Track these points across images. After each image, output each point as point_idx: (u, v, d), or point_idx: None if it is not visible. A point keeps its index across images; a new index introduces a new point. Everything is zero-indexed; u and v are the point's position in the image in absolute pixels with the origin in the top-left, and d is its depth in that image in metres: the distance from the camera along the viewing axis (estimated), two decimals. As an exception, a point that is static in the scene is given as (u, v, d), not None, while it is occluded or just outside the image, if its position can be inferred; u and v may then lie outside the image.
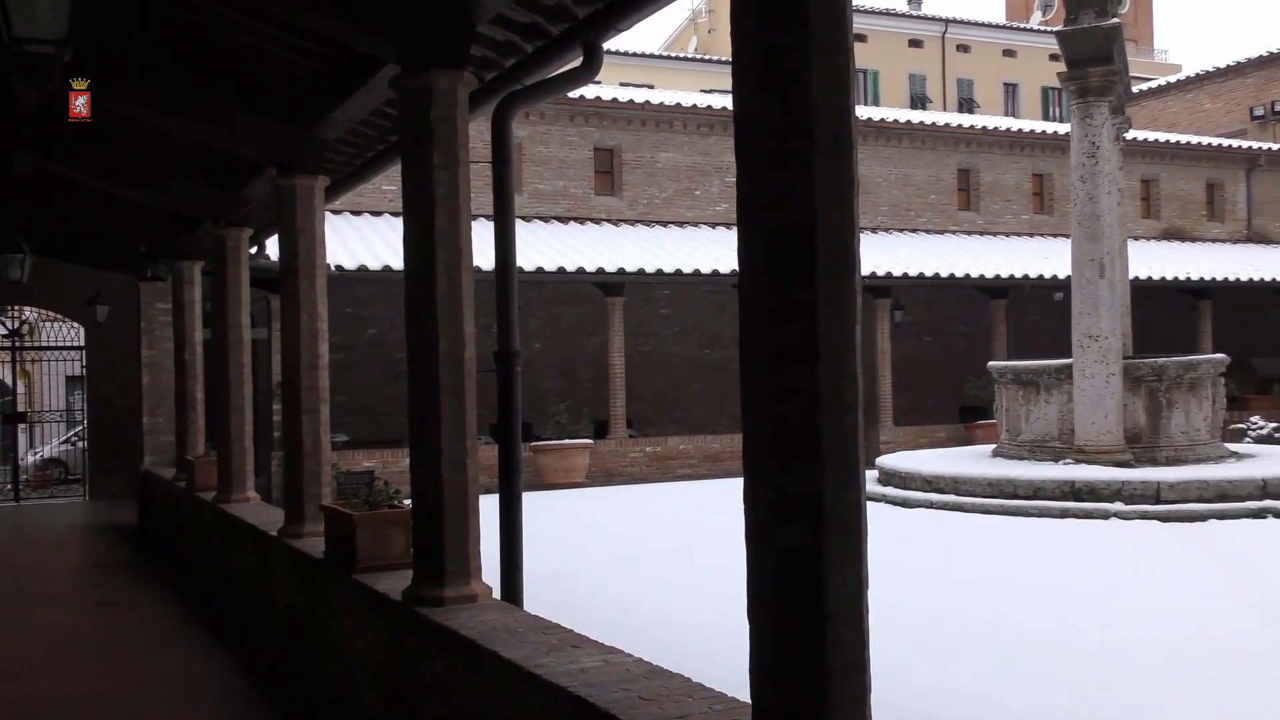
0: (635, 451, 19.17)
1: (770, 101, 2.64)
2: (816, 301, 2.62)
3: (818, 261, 2.63)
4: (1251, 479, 11.80)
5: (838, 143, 2.66)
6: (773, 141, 2.65)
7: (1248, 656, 6.40)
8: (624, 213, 22.03)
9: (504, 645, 3.80)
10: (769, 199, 2.65)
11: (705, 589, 7.86)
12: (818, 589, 2.56)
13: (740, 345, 2.72)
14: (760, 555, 2.64)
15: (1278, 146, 30.83)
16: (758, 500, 2.64)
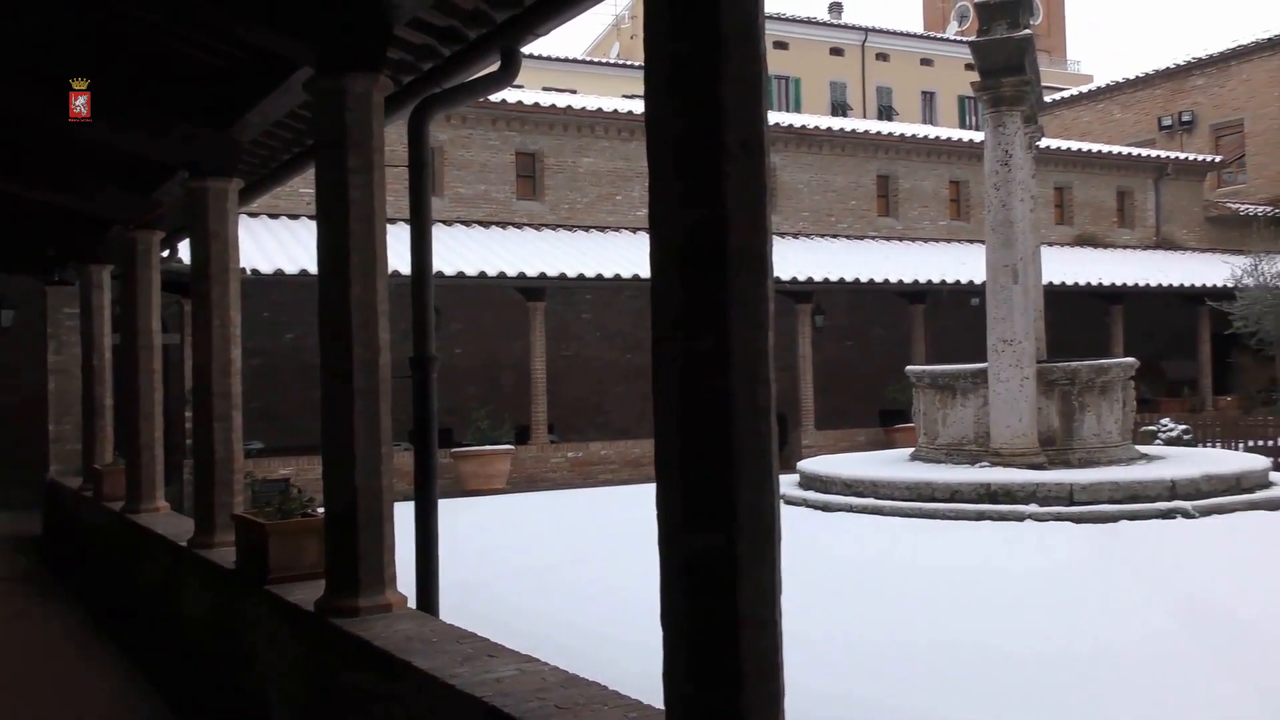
0: (557, 457, 19.12)
1: (681, 109, 2.65)
2: (728, 307, 2.63)
3: (729, 268, 2.64)
4: (1161, 480, 12.11)
5: (749, 150, 2.67)
6: (683, 149, 2.65)
7: (1154, 655, 6.56)
8: (546, 217, 21.99)
9: (418, 655, 3.74)
10: (679, 206, 2.65)
11: (625, 595, 7.84)
12: (731, 594, 2.56)
13: (652, 351, 2.72)
14: (673, 561, 2.63)
15: (1184, 156, 31.81)
16: (669, 506, 2.64)
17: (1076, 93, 40.83)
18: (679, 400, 2.63)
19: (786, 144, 24.71)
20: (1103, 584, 8.36)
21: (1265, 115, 33.22)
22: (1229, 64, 34.34)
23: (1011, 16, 13.14)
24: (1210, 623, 7.25)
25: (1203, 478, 12.21)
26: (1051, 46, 62.13)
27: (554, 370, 19.49)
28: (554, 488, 17.86)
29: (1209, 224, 31.34)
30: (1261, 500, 12.13)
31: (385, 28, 4.72)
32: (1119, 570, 8.85)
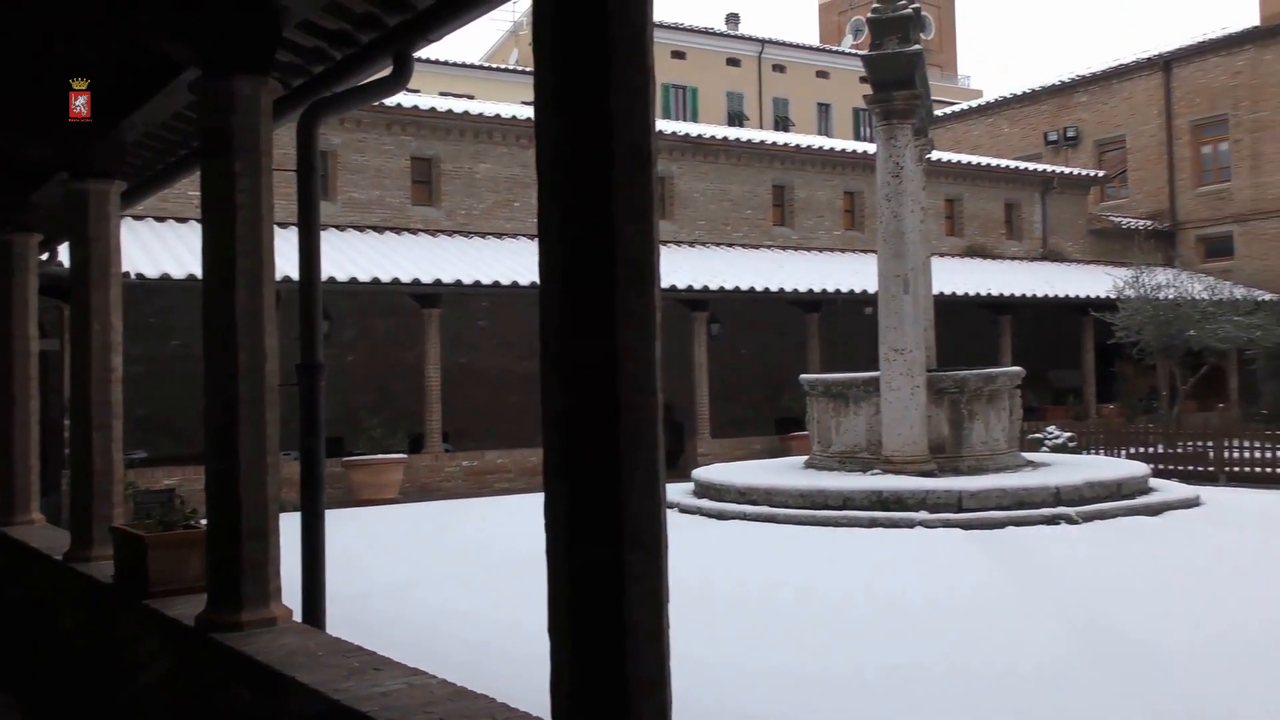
0: (451, 466, 18.91)
1: (569, 118, 2.65)
2: (615, 318, 2.64)
3: (616, 278, 2.65)
4: (1046, 487, 12.45)
5: (636, 160, 2.68)
6: (571, 158, 2.65)
7: (1035, 661, 6.75)
8: (442, 223, 21.80)
9: (302, 670, 3.67)
10: (567, 215, 2.65)
11: (517, 606, 7.76)
12: (617, 604, 2.56)
13: (540, 360, 2.71)
14: (559, 571, 2.63)
15: (1069, 170, 32.90)
16: (555, 515, 2.64)
17: (967, 107, 41.93)
18: (566, 410, 2.63)
19: (683, 153, 24.90)
20: (986, 589, 8.57)
21: (1145, 132, 34.54)
22: (1111, 82, 35.63)
23: (903, 32, 13.43)
24: (1089, 626, 7.48)
25: (1085, 484, 12.59)
26: (943, 62, 63.75)
27: (449, 378, 19.28)
28: (448, 497, 17.66)
29: (1093, 237, 32.46)
30: (1140, 506, 12.56)
31: (274, 30, 4.63)
32: (1003, 576, 9.08)
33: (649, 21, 2.76)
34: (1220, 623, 7.51)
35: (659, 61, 44.10)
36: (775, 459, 18.18)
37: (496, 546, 10.89)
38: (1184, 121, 33.58)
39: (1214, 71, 32.93)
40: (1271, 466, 19.33)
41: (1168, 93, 33.90)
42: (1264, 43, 31.85)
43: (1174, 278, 24.72)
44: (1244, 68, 32.23)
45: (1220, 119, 32.83)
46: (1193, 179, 33.45)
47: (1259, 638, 7.11)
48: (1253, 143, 31.95)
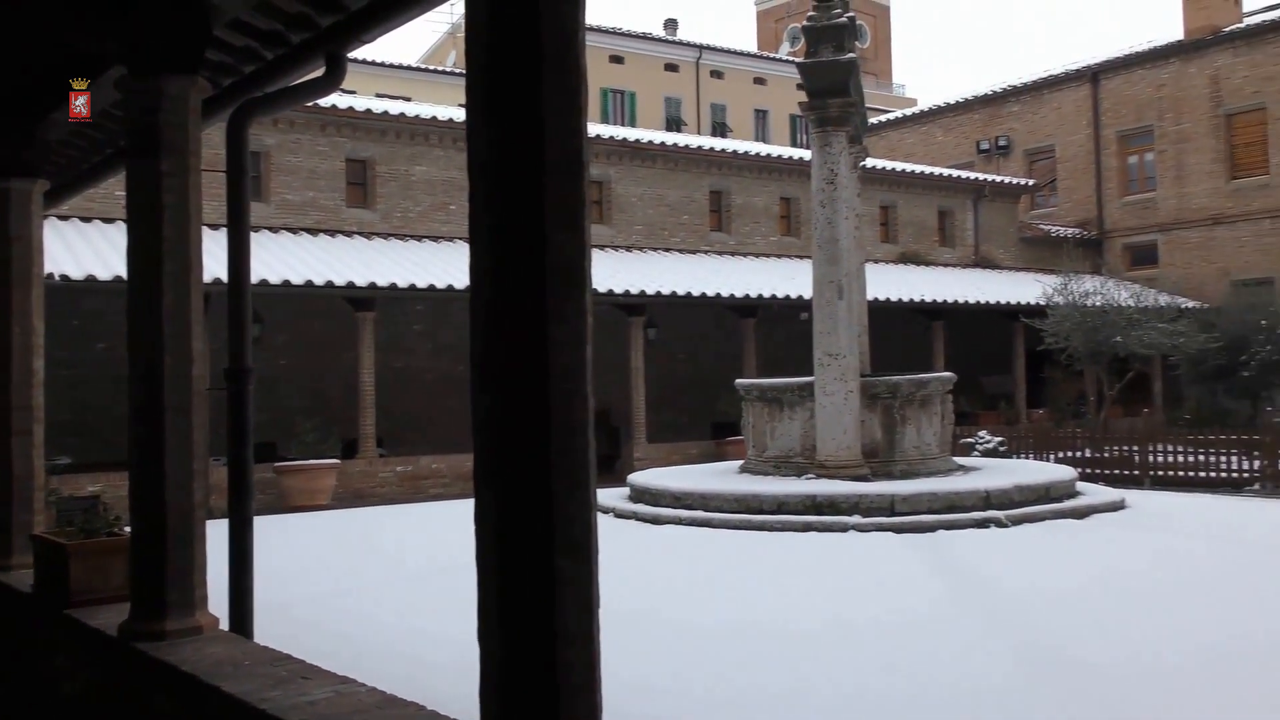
0: (386, 471, 18.72)
1: (500, 122, 2.64)
2: (545, 322, 2.64)
3: (547, 282, 2.64)
4: (976, 490, 12.62)
5: (568, 163, 2.68)
6: (502, 161, 2.64)
7: (958, 654, 6.85)
8: (377, 226, 21.59)
9: (228, 680, 3.61)
10: (498, 219, 2.64)
11: (450, 613, 7.70)
12: (548, 610, 2.55)
13: (470, 364, 2.70)
14: (489, 577, 2.62)
15: (1001, 179, 33.46)
16: (485, 520, 2.63)
17: (901, 115, 42.48)
18: (495, 415, 2.62)
19: (621, 158, 24.93)
20: (914, 592, 8.68)
21: (1074, 142, 35.24)
22: (1041, 93, 36.30)
23: (837, 40, 13.56)
24: (1012, 627, 7.61)
25: (1014, 488, 12.79)
26: (879, 70, 64.53)
27: (384, 382, 19.10)
28: (382, 503, 17.46)
29: (1023, 244, 33.04)
30: (1068, 509, 12.78)
31: (204, 28, 4.56)
32: (931, 579, 9.20)
33: (581, 26, 2.76)
34: (1136, 621, 7.68)
35: (597, 66, 44.14)
36: (711, 463, 18.23)
37: (429, 553, 10.80)
38: (1111, 132, 34.32)
39: (1140, 84, 33.72)
40: (1193, 470, 19.82)
41: (1095, 104, 34.64)
42: (1187, 56, 32.68)
43: (1101, 285, 25.24)
44: (1168, 80, 33.04)
45: (1146, 130, 33.61)
46: (1119, 189, 34.21)
47: (1169, 637, 7.28)
48: (1176, 154, 32.76)
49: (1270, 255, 30.58)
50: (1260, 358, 24.87)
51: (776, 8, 65.49)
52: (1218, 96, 31.91)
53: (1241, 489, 18.78)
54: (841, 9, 13.73)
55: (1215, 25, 32.38)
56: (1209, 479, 19.41)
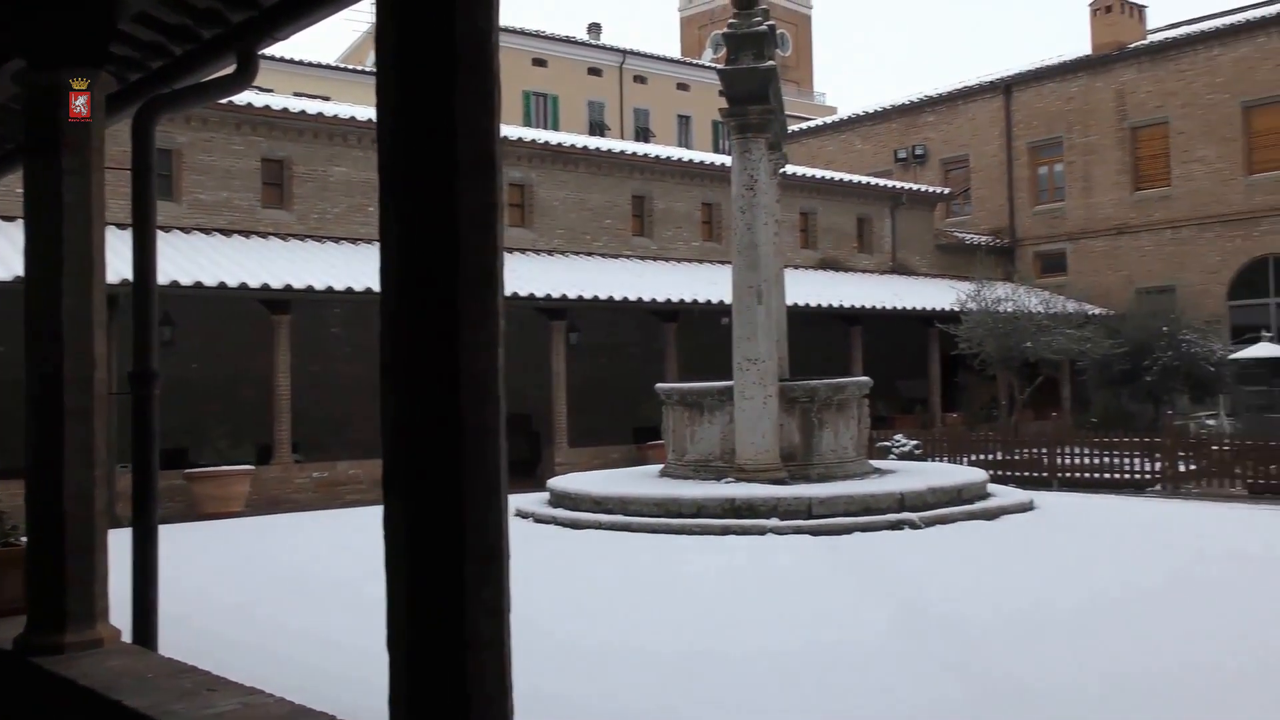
0: (301, 477, 18.38)
1: (412, 123, 2.60)
2: (457, 325, 2.61)
3: (459, 285, 2.61)
4: (891, 493, 12.79)
5: (480, 165, 2.66)
6: (414, 162, 2.61)
7: (865, 653, 6.97)
8: (293, 227, 21.23)
9: (130, 693, 3.51)
10: (410, 220, 2.61)
11: (363, 621, 7.61)
12: (457, 615, 2.52)
13: (380, 368, 2.67)
14: (398, 583, 2.58)
15: (917, 187, 34.03)
16: (395, 527, 2.59)
17: (821, 123, 43.00)
18: (406, 420, 2.59)
19: (543, 161, 24.85)
20: (829, 592, 8.78)
21: (987, 152, 36.00)
22: (956, 103, 37.02)
23: (757, 48, 13.66)
24: (920, 622, 7.76)
25: (928, 490, 12.99)
26: (799, 78, 65.25)
27: (301, 386, 18.75)
28: (298, 509, 17.12)
29: (939, 251, 33.63)
30: (979, 510, 13.03)
31: (108, 21, 4.44)
32: (845, 579, 9.31)
33: (494, 27, 2.74)
34: (1041, 616, 7.95)
35: (519, 69, 43.98)
36: (633, 468, 18.23)
37: (343, 561, 10.61)
38: (1022, 143, 35.12)
39: (1050, 96, 34.55)
40: (1099, 471, 20.35)
41: (1008, 115, 35.42)
42: (1095, 71, 33.58)
43: (1012, 292, 25.82)
44: (1077, 94, 33.91)
45: (1055, 142, 34.46)
46: (1030, 198, 35.01)
47: (1073, 626, 7.61)
48: (1084, 165, 33.63)
49: (1171, 264, 31.55)
50: (1161, 363, 25.65)
51: (700, 14, 65.91)
52: (1123, 110, 32.85)
53: (1144, 489, 19.34)
54: (762, 17, 13.84)
55: (1121, 42, 33.34)
56: (1114, 480, 19.96)
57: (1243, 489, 18.76)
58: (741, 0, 13.60)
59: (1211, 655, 6.89)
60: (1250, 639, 7.32)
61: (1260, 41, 30.20)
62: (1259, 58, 30.18)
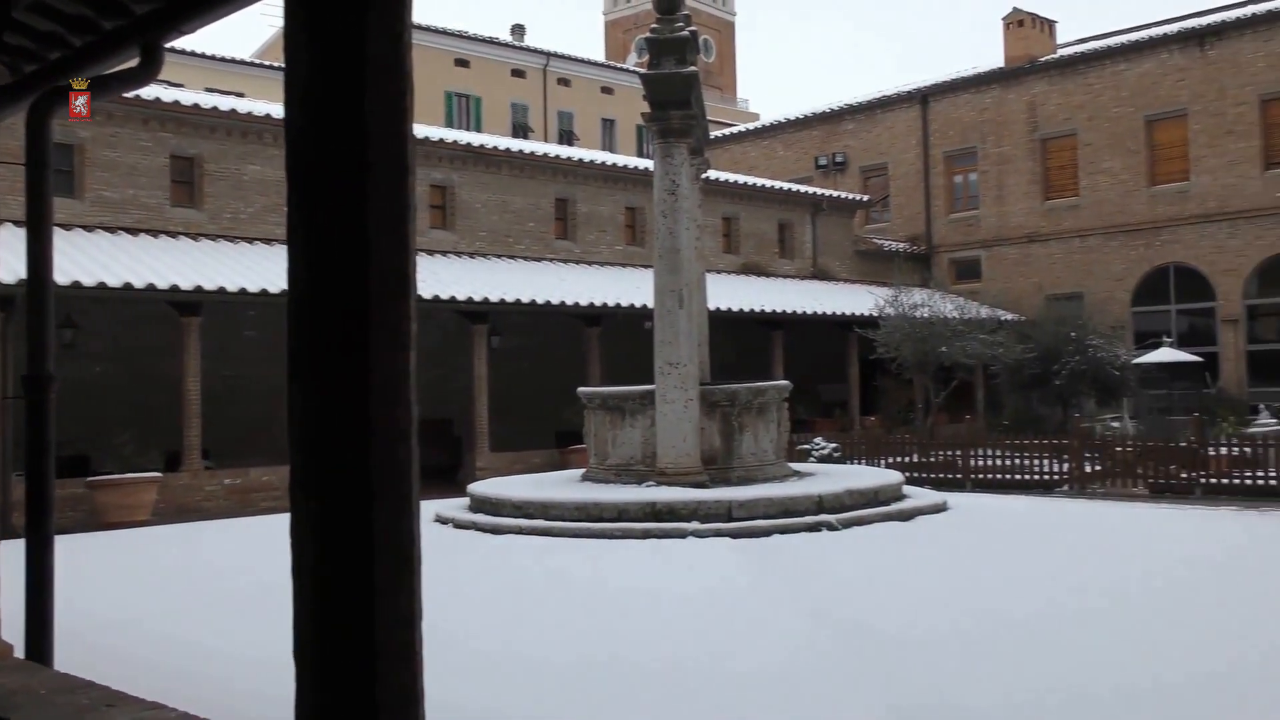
0: (212, 484, 17.93)
1: (320, 120, 2.53)
2: (367, 328, 2.54)
3: (370, 287, 2.55)
4: (809, 495, 12.90)
5: (392, 167, 2.59)
6: (323, 162, 2.54)
7: (782, 659, 7.01)
8: (205, 226, 20.71)
9: (22, 710, 3.37)
10: (318, 221, 2.54)
11: (272, 633, 7.44)
12: (366, 623, 2.46)
13: (287, 372, 2.58)
14: (305, 592, 2.50)
15: (837, 194, 34.47)
16: (301, 534, 2.51)
17: (744, 129, 43.34)
18: (314, 425, 2.52)
19: (465, 163, 24.65)
20: (745, 595, 8.83)
21: (905, 160, 36.60)
22: (875, 112, 37.58)
23: (680, 53, 13.68)
24: (833, 625, 7.84)
25: (845, 492, 13.12)
26: (723, 84, 65.74)
27: (212, 391, 18.30)
28: (208, 518, 16.66)
29: (858, 257, 34.09)
30: (894, 512, 13.19)
31: (1, 10, 4.28)
32: (762, 582, 9.37)
33: (407, 26, 2.68)
34: (952, 614, 8.11)
35: (441, 69, 43.63)
36: (555, 472, 18.14)
37: (253, 570, 10.34)
38: (939, 152, 35.78)
39: (965, 107, 35.25)
40: (1010, 473, 20.79)
41: (925, 125, 36.06)
42: (1007, 83, 34.33)
43: (929, 298, 26.26)
44: (990, 105, 34.64)
45: (970, 151, 35.16)
46: (946, 206, 35.67)
47: (982, 626, 7.77)
48: (998, 175, 34.36)
49: (1079, 272, 32.39)
50: (1070, 367, 26.32)
51: (625, 19, 66.10)
52: (1034, 122, 33.63)
53: (1052, 490, 19.81)
54: (684, 23, 13.87)
55: (1032, 55, 34.14)
56: (1024, 481, 20.41)
57: (1144, 489, 19.31)
58: (664, 6, 13.61)
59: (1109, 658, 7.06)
60: (1158, 640, 7.52)
61: (1163, 58, 31.15)
62: (1161, 74, 31.12)
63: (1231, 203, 29.80)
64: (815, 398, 27.88)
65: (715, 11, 67.69)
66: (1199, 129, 30.42)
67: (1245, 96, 29.64)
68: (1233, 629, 7.72)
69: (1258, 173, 29.50)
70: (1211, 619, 8.07)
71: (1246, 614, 8.21)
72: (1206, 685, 6.34)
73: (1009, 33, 34.86)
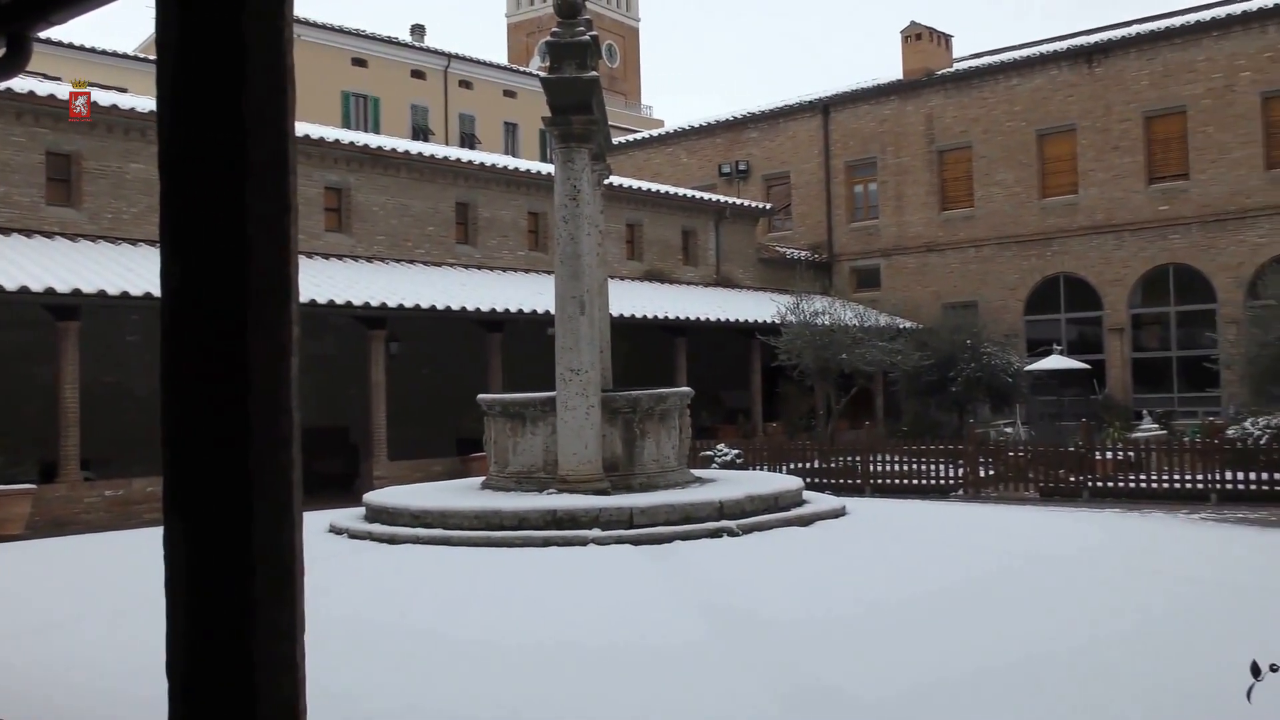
0: (92, 496, 17.23)
1: (195, 118, 2.43)
2: (246, 331, 2.44)
3: (248, 290, 2.44)
4: (711, 501, 12.95)
5: (273, 166, 2.49)
6: (198, 158, 2.43)
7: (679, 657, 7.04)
8: (84, 227, 19.94)
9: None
10: (192, 220, 2.43)
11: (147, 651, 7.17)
12: (244, 637, 2.35)
13: (161, 378, 2.47)
14: (179, 606, 2.38)
15: (740, 202, 34.79)
16: (176, 545, 2.40)
17: (649, 136, 43.50)
18: (189, 431, 2.41)
19: (362, 165, 24.25)
20: (643, 601, 8.84)
21: (807, 169, 37.11)
22: (778, 121, 38.04)
23: (580, 58, 13.65)
24: (730, 626, 7.95)
25: (746, 498, 13.21)
26: (627, 90, 65.93)
27: (92, 399, 17.60)
28: (88, 530, 15.92)
29: (761, 265, 34.45)
30: (794, 517, 13.32)
31: None
32: (661, 587, 9.39)
33: (288, 22, 2.58)
34: (839, 608, 8.44)
35: (338, 67, 42.91)
36: (455, 480, 17.92)
37: (132, 584, 9.94)
38: (840, 162, 36.36)
39: (865, 118, 35.89)
40: (908, 478, 21.20)
41: (826, 134, 36.62)
42: (905, 95, 35.07)
43: (829, 305, 26.65)
44: (890, 117, 35.34)
45: (870, 162, 35.82)
46: (847, 215, 36.27)
47: (877, 626, 8.02)
48: (896, 185, 35.06)
49: (974, 281, 33.22)
50: (965, 374, 26.97)
51: (527, 21, 65.90)
52: (931, 134, 34.41)
53: (948, 494, 20.26)
54: (585, 28, 13.84)
55: (930, 68, 34.93)
56: (921, 486, 20.83)
57: (1035, 492, 19.86)
58: (565, 9, 13.57)
59: (1008, 651, 7.25)
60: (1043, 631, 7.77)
61: (1053, 74, 32.14)
62: (1051, 89, 32.11)
63: (1118, 215, 30.86)
64: (718, 404, 28.08)
65: (619, 17, 67.88)
66: (1087, 144, 31.44)
67: (1130, 113, 30.73)
68: (1071, 615, 8.32)
69: (1142, 187, 30.59)
70: (1052, 606, 8.67)
71: (1079, 603, 8.80)
72: (1031, 668, 6.83)
73: (907, 46, 35.61)
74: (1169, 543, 12.76)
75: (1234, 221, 29.01)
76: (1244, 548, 12.32)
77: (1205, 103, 29.51)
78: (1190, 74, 29.74)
